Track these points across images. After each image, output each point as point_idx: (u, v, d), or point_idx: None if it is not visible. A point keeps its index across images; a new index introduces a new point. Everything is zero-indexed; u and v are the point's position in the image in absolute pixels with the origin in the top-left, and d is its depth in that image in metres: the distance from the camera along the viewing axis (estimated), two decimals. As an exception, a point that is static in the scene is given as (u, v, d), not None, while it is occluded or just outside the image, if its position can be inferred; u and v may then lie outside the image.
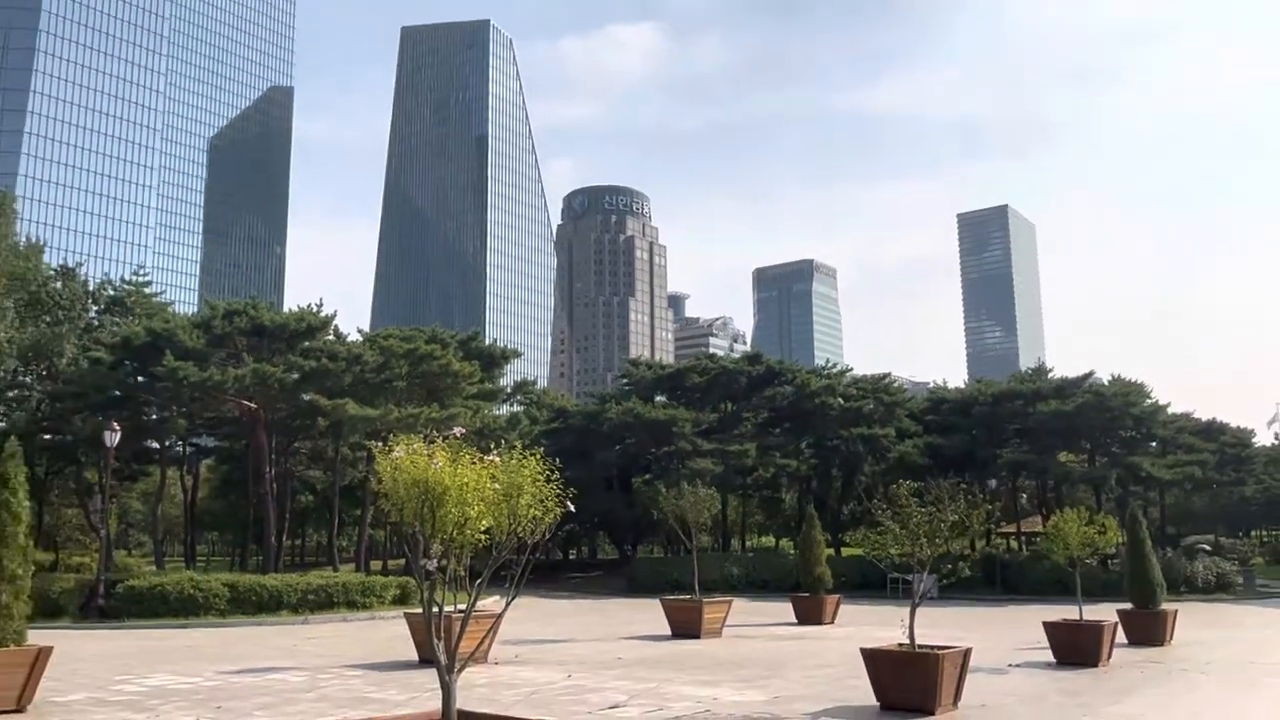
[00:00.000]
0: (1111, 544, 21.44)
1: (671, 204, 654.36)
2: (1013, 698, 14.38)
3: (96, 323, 48.11)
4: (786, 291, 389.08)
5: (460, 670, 7.30)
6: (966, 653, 13.31)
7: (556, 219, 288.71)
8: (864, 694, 13.54)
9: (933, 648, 13.19)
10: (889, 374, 62.36)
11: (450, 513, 7.08)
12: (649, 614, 30.31)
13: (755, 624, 29.07)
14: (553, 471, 7.65)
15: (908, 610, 14.15)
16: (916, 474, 45.76)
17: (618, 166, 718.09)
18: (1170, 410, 58.43)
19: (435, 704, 7.31)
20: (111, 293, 51.11)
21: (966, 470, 52.60)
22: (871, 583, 41.95)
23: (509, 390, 61.94)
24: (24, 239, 48.24)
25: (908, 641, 13.32)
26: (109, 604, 31.40)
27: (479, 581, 7.58)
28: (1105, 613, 20.92)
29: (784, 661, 19.50)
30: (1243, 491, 69.88)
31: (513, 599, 8.88)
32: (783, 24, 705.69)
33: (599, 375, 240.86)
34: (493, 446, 8.14)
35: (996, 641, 22.44)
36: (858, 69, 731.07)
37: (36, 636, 14.35)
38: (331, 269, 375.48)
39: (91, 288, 50.47)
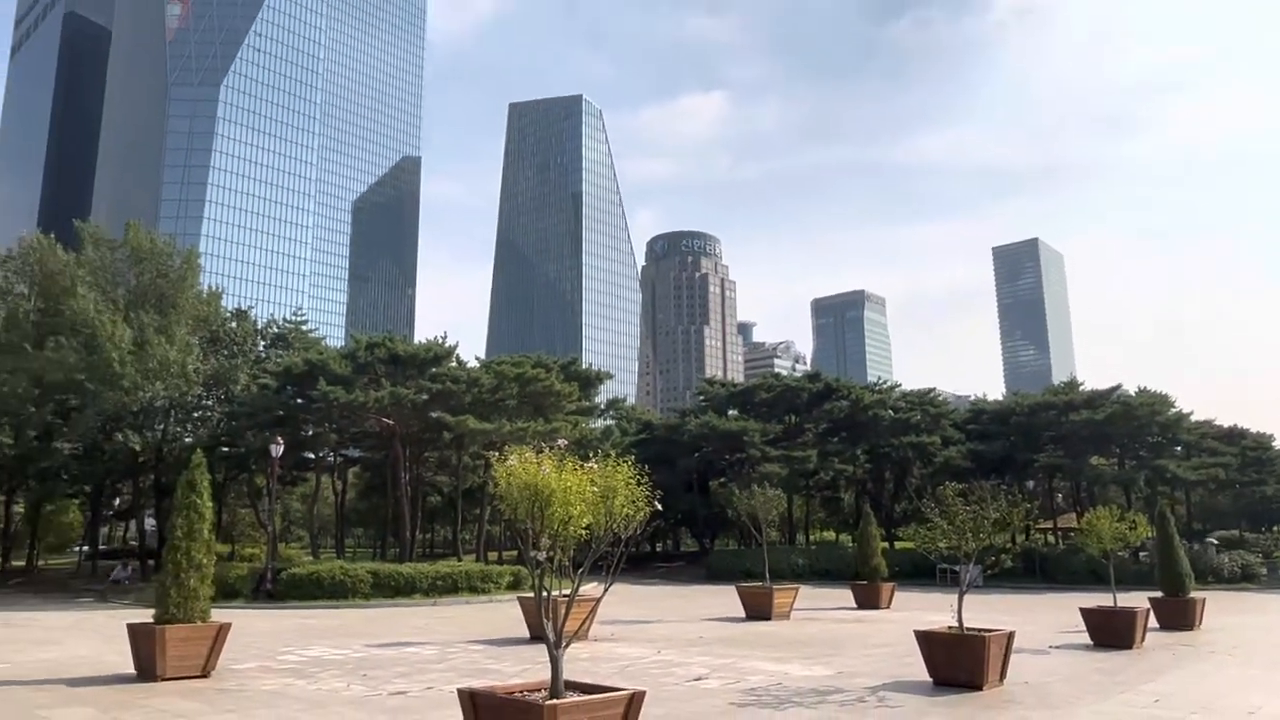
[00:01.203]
0: (1141, 538, 20.55)
1: (739, 244, 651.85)
2: (1054, 676, 13.86)
3: (264, 355, 49.33)
4: (841, 318, 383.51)
5: (566, 646, 7.34)
6: (1010, 635, 12.98)
7: (641, 260, 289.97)
8: (918, 670, 13.23)
9: (979, 630, 12.91)
10: (934, 389, 60.96)
11: (556, 511, 7.16)
12: (725, 599, 30.03)
13: (819, 608, 28.58)
14: (641, 476, 7.69)
15: (956, 597, 13.80)
16: (960, 476, 44.64)
17: (692, 214, 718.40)
18: (1193, 418, 56.03)
19: (545, 675, 7.37)
20: (275, 330, 52.87)
21: (1006, 473, 51.09)
22: (922, 572, 40.99)
23: (603, 407, 62.24)
24: (206, 288, 49.99)
25: (957, 625, 13.04)
26: (275, 588, 32.36)
27: (580, 570, 7.63)
28: (1137, 600, 20.04)
29: (845, 641, 19.13)
30: (1264, 490, 66.15)
31: (609, 585, 8.93)
32: (831, 88, 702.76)
33: (679, 393, 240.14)
34: (590, 455, 8.21)
35: (1038, 626, 21.69)
36: (899, 125, 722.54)
37: (217, 615, 14.76)
38: (453, 307, 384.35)
39: (259, 327, 52.29)
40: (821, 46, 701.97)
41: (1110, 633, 17.84)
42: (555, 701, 6.72)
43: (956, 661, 12.56)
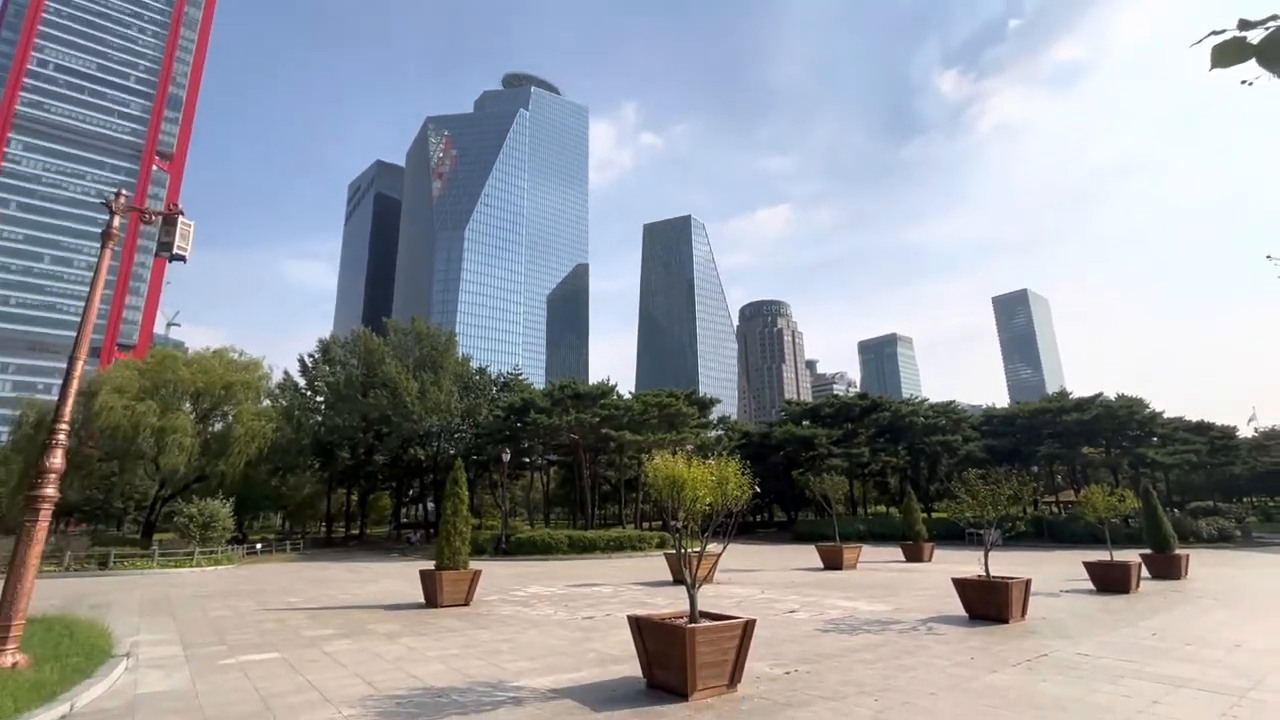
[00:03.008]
0: (1129, 509, 18.16)
1: (805, 305, 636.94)
2: (1066, 613, 12.31)
3: (496, 396, 50.51)
4: (880, 354, 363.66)
5: (698, 587, 7.21)
6: (1028, 582, 11.76)
7: (735, 321, 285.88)
8: (956, 608, 12.14)
9: (1003, 578, 11.73)
10: (954, 401, 56.61)
11: (687, 494, 7.11)
12: (808, 555, 28.71)
13: (877, 562, 26.80)
14: (744, 469, 7.54)
15: (982, 554, 12.63)
16: (979, 465, 41.18)
17: (770, 287, 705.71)
18: (1166, 415, 49.43)
19: (685, 607, 7.25)
20: (502, 380, 54.29)
21: (1015, 461, 46.59)
22: (954, 535, 37.76)
23: (715, 422, 61.32)
24: (460, 355, 52.79)
25: (984, 574, 11.91)
26: (507, 546, 33.35)
27: (706, 534, 7.50)
28: (1130, 556, 17.70)
29: (899, 586, 17.82)
30: (1232, 470, 57.44)
31: (726, 545, 8.71)
32: (863, 195, 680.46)
33: (766, 411, 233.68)
34: (708, 455, 8.13)
35: (1049, 576, 19.42)
36: (913, 216, 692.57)
37: (472, 565, 15.37)
38: (612, 359, 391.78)
39: (493, 378, 54.23)
40: (856, 167, 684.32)
41: (1110, 580, 15.75)
42: (693, 625, 6.60)
43: (987, 601, 11.46)
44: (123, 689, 7.45)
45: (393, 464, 47.24)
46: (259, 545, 39.05)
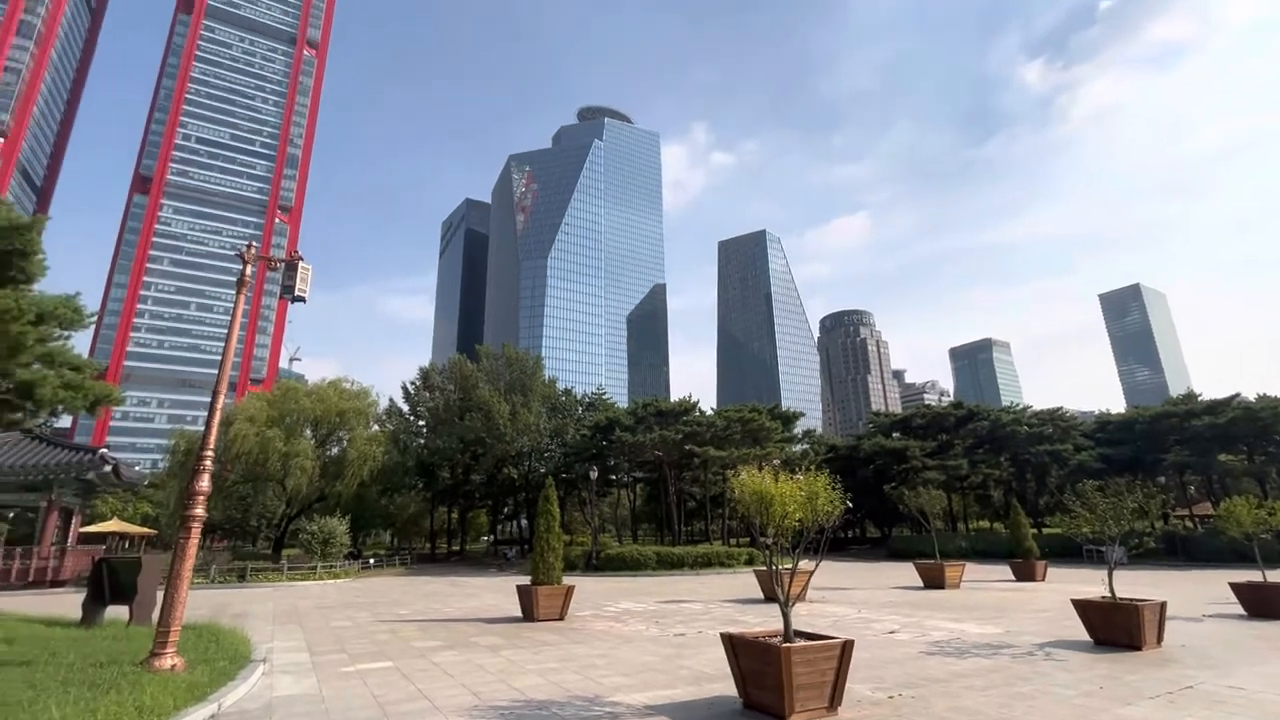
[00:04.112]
0: (1281, 523, 15.86)
1: (888, 312, 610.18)
2: (1210, 640, 10.87)
3: (582, 416, 51.40)
4: (974, 360, 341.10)
5: (792, 605, 6.96)
6: (1162, 604, 10.47)
7: (815, 333, 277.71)
8: (1076, 631, 11.05)
9: (1133, 599, 10.54)
10: (1061, 407, 51.97)
11: (776, 509, 6.91)
12: (905, 573, 27.14)
13: (983, 580, 24.90)
14: (833, 483, 7.27)
15: (1103, 573, 11.48)
16: (1093, 476, 37.50)
17: (849, 297, 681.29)
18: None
19: (778, 626, 7.01)
20: (588, 400, 55.18)
21: (1137, 471, 42.02)
22: (1069, 552, 34.58)
23: (799, 436, 59.57)
24: (547, 377, 54.12)
25: (1109, 594, 10.76)
26: (597, 562, 33.66)
27: (797, 550, 7.26)
28: (1285, 577, 15.46)
29: (1009, 607, 16.42)
30: None
31: (819, 561, 8.38)
32: (942, 197, 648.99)
33: (853, 424, 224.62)
34: (796, 470, 7.88)
35: (1187, 598, 17.22)
36: (998, 214, 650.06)
37: (566, 580, 15.64)
38: (692, 376, 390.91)
39: (579, 398, 55.02)
40: (934, 169, 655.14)
41: (1265, 604, 13.75)
42: (788, 645, 6.37)
43: (1114, 624, 10.30)
44: (260, 692, 8.07)
45: (488, 483, 48.94)
46: (371, 560, 41.47)
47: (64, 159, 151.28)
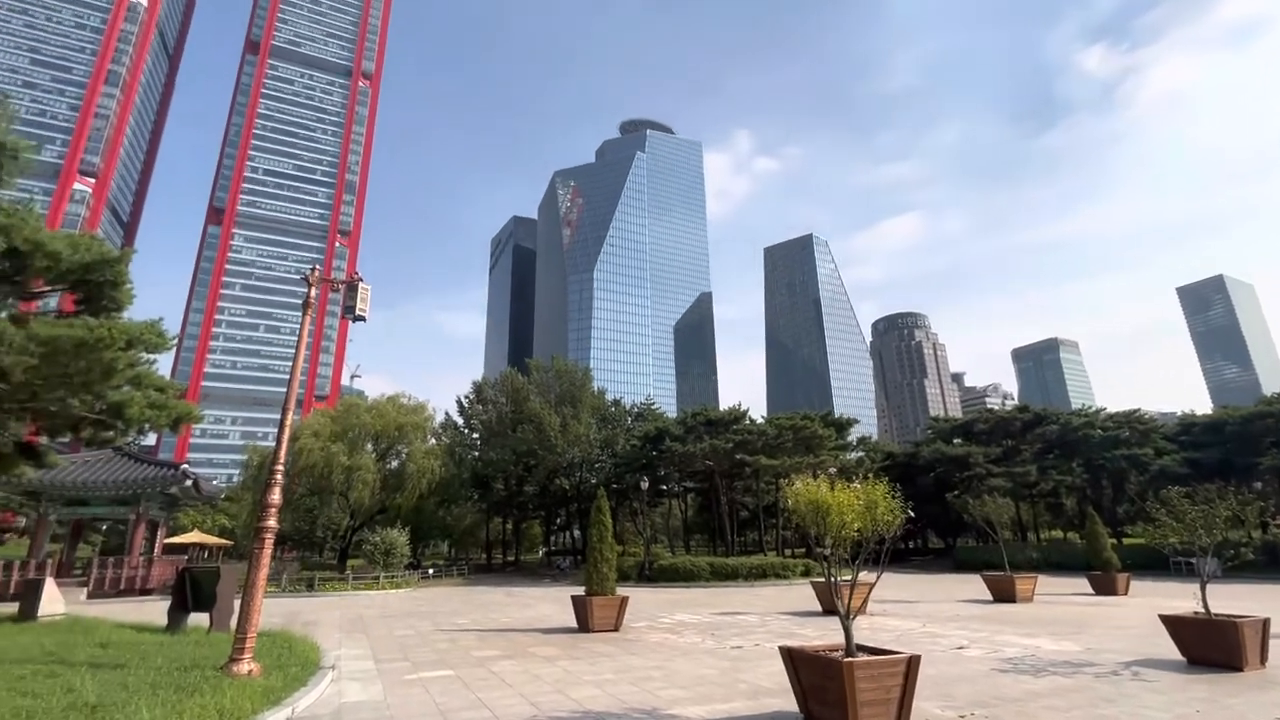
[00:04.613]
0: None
1: (945, 315, 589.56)
2: (1320, 661, 9.92)
3: (631, 426, 51.33)
4: (1039, 361, 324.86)
5: (853, 618, 6.75)
6: (1266, 621, 9.61)
7: (868, 337, 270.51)
8: (1166, 650, 10.27)
9: (1231, 616, 9.73)
10: (1138, 409, 48.86)
11: (833, 519, 6.74)
12: (971, 586, 25.96)
13: (1057, 594, 23.53)
14: (893, 492, 7.05)
15: (1193, 587, 10.64)
16: (1178, 482, 34.97)
17: (904, 299, 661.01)
18: None
19: (838, 639, 6.81)
20: (636, 410, 55.09)
21: (1228, 477, 38.90)
22: (1154, 564, 32.31)
23: (854, 443, 57.94)
24: (596, 388, 54.52)
25: (1203, 610, 9.98)
26: (650, 573, 33.54)
27: (856, 561, 7.04)
28: None
29: (1089, 622, 15.44)
30: None
31: (881, 573, 8.11)
32: (996, 192, 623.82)
33: (910, 430, 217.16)
34: (852, 478, 7.66)
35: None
36: (1055, 209, 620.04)
37: (619, 590, 15.61)
38: (741, 384, 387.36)
39: (627, 409, 55.05)
40: (988, 164, 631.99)
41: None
42: (851, 659, 6.16)
43: (1210, 642, 9.52)
44: (330, 698, 8.36)
45: (541, 494, 49.56)
46: (431, 570, 42.53)
47: (147, 195, 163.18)
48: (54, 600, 16.63)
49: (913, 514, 7.48)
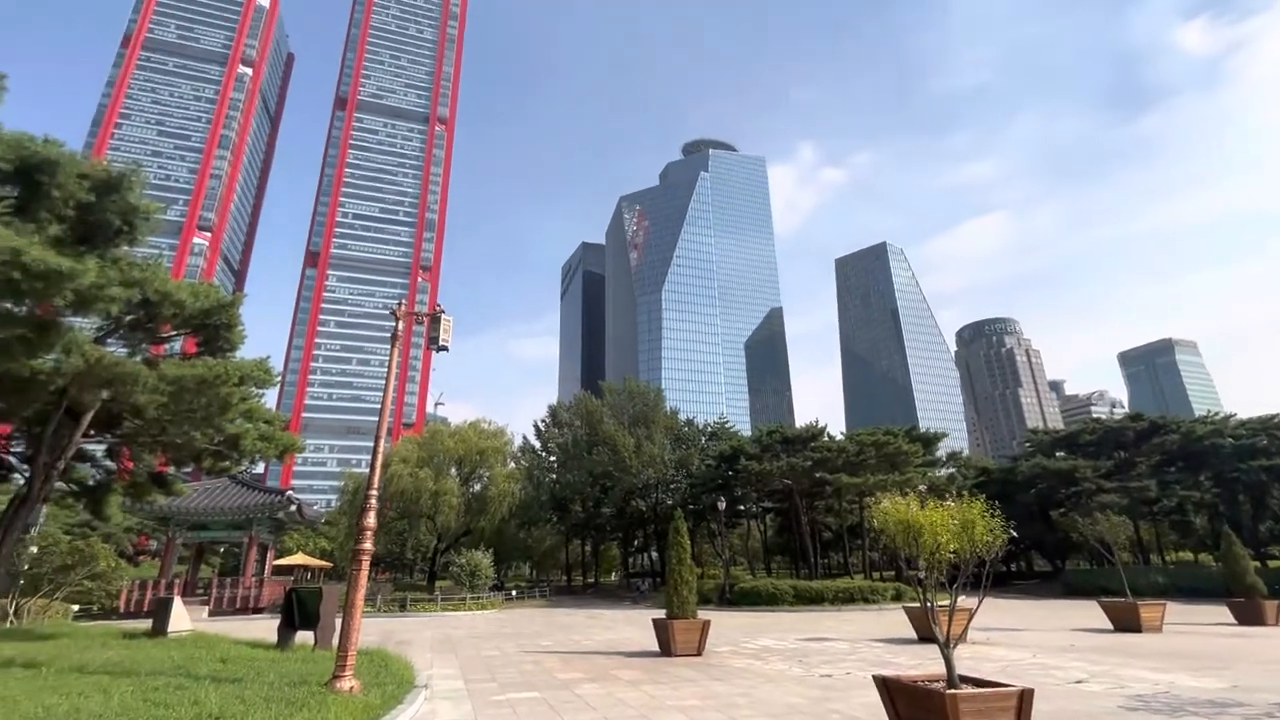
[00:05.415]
0: None
1: (1038, 319, 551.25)
2: None
3: (705, 446, 50.94)
4: (1151, 365, 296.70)
5: (953, 647, 6.33)
6: None
7: (952, 347, 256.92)
8: (1334, 690, 8.97)
9: None
10: (1277, 414, 43.67)
11: (927, 540, 6.39)
12: (1085, 612, 23.77)
13: (1190, 623, 21.11)
14: (991, 510, 6.62)
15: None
16: (1333, 495, 30.98)
17: (991, 304, 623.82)
18: None
19: (937, 669, 6.39)
20: (710, 429, 54.70)
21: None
22: (1310, 591, 28.41)
23: (943, 459, 54.88)
24: (669, 409, 54.64)
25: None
26: (730, 596, 32.83)
27: (955, 585, 6.62)
28: None
29: (1233, 656, 13.71)
30: None
31: (982, 598, 7.58)
32: (1089, 184, 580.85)
33: (1005, 444, 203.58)
34: (945, 496, 7.24)
35: None
36: (1156, 196, 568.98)
37: (700, 614, 15.28)
38: (817, 400, 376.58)
39: (701, 428, 54.86)
40: (1076, 157, 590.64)
41: None
42: (954, 691, 5.76)
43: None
44: (423, 716, 8.63)
45: (618, 515, 49.76)
46: (514, 592, 43.44)
47: (254, 243, 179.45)
48: (181, 617, 18.16)
49: (1015, 534, 6.99)
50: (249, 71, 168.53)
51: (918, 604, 17.09)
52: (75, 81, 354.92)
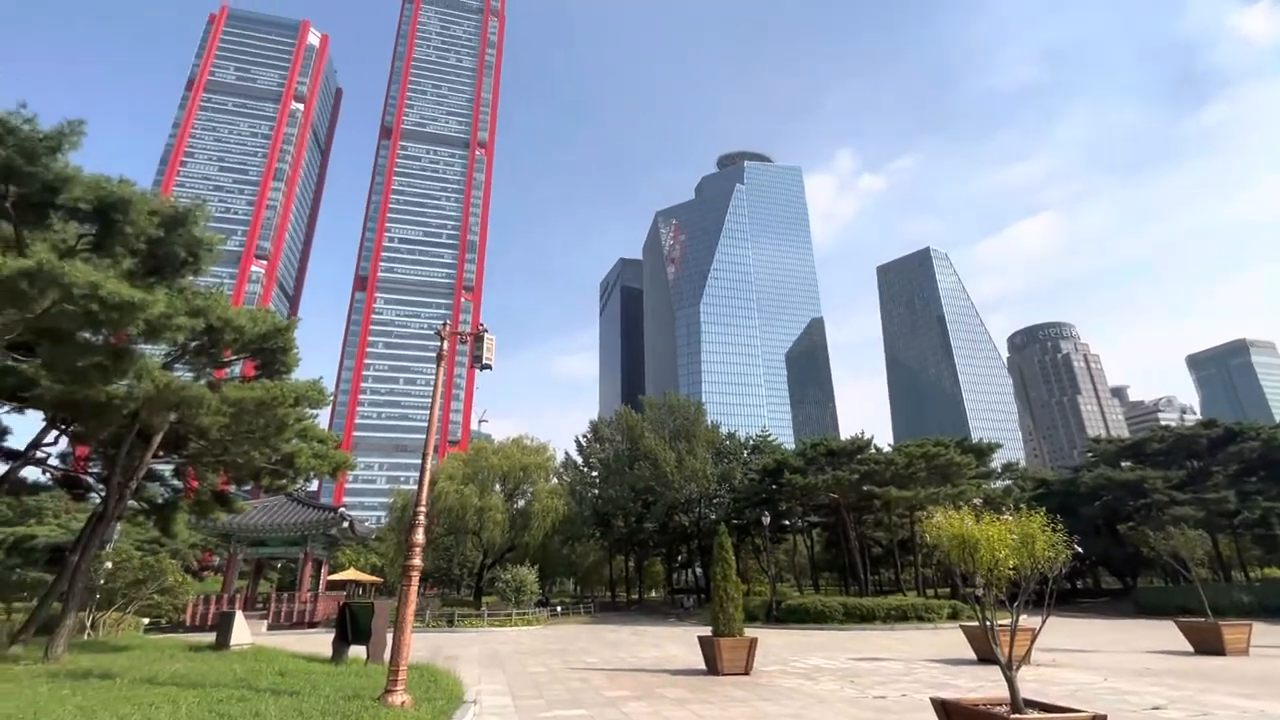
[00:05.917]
0: None
1: (1095, 323, 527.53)
2: None
3: (748, 460, 50.23)
4: (1225, 368, 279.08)
5: (1016, 669, 6.04)
6: None
7: (1004, 353, 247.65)
8: None
9: None
10: (1368, 419, 40.48)
11: (984, 556, 6.15)
12: (1160, 633, 22.34)
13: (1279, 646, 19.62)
14: (1052, 524, 6.32)
15: None
16: None
17: (1043, 309, 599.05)
18: None
19: (999, 692, 6.09)
20: (753, 443, 54.01)
21: None
22: None
23: (998, 470, 52.68)
24: (710, 422, 54.12)
25: None
26: (778, 613, 32.14)
27: (1017, 603, 6.33)
28: None
29: (1329, 681, 12.65)
30: None
31: (1046, 617, 7.22)
32: (1144, 179, 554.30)
33: (1064, 454, 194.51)
34: (1002, 509, 6.96)
35: None
36: (1232, 185, 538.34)
37: (747, 631, 15.01)
38: (861, 412, 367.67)
39: (743, 441, 53.75)
40: (1130, 152, 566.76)
41: None
42: (1019, 716, 5.49)
43: None
44: (473, 732, 8.71)
45: (661, 530, 49.45)
46: (559, 608, 43.53)
47: (307, 269, 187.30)
48: (242, 630, 18.86)
49: (1079, 549, 6.66)
50: (301, 107, 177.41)
51: (976, 623, 16.38)
52: (144, 120, 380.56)
